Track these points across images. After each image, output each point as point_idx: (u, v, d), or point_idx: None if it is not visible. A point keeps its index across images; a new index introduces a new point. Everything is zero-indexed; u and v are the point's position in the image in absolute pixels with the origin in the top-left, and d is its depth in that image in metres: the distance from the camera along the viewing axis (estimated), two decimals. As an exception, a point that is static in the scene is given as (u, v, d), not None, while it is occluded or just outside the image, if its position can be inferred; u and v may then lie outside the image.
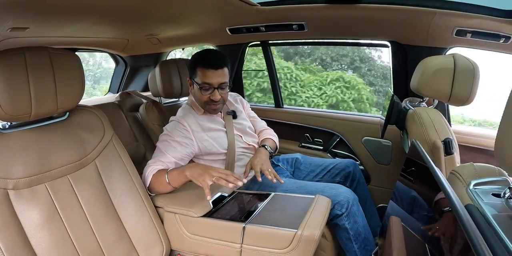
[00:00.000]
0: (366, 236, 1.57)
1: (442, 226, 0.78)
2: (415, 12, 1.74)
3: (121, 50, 2.90)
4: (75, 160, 1.25)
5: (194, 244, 1.36)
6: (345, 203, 1.51)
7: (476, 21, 1.67)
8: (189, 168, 1.40)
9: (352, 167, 1.90)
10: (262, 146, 1.83)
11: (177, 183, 1.43)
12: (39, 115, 1.15)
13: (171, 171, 1.44)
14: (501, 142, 0.65)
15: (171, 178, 1.42)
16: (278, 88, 2.76)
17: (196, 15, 1.98)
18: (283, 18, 2.10)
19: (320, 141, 2.59)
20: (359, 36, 2.28)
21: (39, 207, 1.12)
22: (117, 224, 1.28)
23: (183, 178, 1.41)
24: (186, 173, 1.38)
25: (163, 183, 1.44)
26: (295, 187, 1.64)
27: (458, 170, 0.92)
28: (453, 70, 1.50)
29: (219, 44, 2.74)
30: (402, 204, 1.21)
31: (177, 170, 1.44)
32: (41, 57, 1.11)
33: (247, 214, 1.34)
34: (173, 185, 1.43)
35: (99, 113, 1.40)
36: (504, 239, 0.62)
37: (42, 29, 1.75)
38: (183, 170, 1.40)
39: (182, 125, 1.68)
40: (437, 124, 1.51)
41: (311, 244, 1.18)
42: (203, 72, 1.63)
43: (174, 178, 1.42)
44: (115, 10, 1.58)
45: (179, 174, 1.41)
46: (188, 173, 1.37)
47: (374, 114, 2.44)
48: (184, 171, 1.39)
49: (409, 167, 1.24)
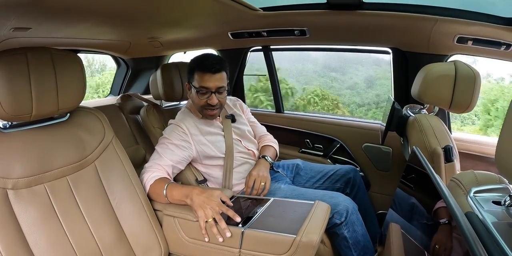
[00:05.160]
0: (365, 244, 1.57)
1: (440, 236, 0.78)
2: (417, 19, 1.75)
3: (123, 53, 2.91)
4: (75, 161, 1.25)
5: (192, 248, 1.36)
6: (344, 212, 1.51)
7: (477, 28, 1.68)
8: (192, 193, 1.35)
9: (353, 174, 1.89)
10: (262, 156, 1.84)
11: (175, 202, 1.41)
12: (39, 116, 1.15)
13: (171, 190, 1.40)
14: (502, 149, 0.65)
15: (170, 197, 1.40)
16: (279, 93, 2.76)
17: (198, 19, 1.98)
18: (285, 23, 2.11)
19: (320, 147, 2.58)
20: (361, 42, 2.28)
21: (38, 207, 1.12)
22: (115, 226, 1.28)
23: (182, 202, 1.38)
24: (188, 200, 1.35)
25: (160, 197, 1.43)
26: (294, 194, 1.64)
27: (458, 178, 0.92)
28: (454, 77, 1.50)
29: (221, 49, 2.75)
30: (401, 212, 1.21)
31: (178, 191, 1.39)
32: (43, 57, 1.12)
33: (246, 219, 1.34)
34: (170, 201, 1.42)
35: (99, 115, 1.40)
36: (503, 247, 0.62)
37: (44, 29, 1.75)
38: (186, 195, 1.36)
39: (181, 128, 1.68)
40: (437, 131, 1.51)
41: (310, 250, 1.18)
42: (201, 76, 1.63)
43: (174, 199, 1.40)
44: (118, 12, 1.59)
45: (179, 198, 1.38)
46: (189, 201, 1.34)
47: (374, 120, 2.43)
48: (186, 197, 1.36)
49: (409, 174, 1.23)
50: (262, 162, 1.79)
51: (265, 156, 1.83)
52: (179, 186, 1.44)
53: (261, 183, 1.66)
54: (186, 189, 1.39)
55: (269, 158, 1.83)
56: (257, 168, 1.74)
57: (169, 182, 1.47)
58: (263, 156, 1.84)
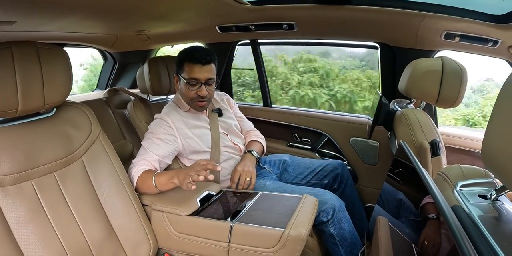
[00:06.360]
0: (353, 240, 1.58)
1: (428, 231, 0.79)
2: (405, 15, 1.76)
3: (110, 46, 2.87)
4: (62, 157, 1.23)
5: (181, 242, 1.36)
6: (330, 210, 1.52)
7: (465, 25, 1.69)
8: (176, 173, 1.37)
9: (340, 169, 1.90)
10: (248, 151, 1.83)
11: (165, 188, 1.43)
12: (25, 111, 1.13)
13: (159, 176, 1.42)
14: (488, 144, 0.65)
15: (158, 183, 1.41)
16: (266, 87, 2.76)
17: (186, 12, 1.96)
18: (273, 17, 2.10)
19: (308, 140, 2.59)
20: (349, 37, 2.28)
21: (25, 204, 1.10)
22: (104, 222, 1.27)
23: (172, 185, 1.40)
24: (174, 180, 1.36)
25: (150, 187, 1.43)
26: (280, 191, 1.63)
27: (445, 172, 0.93)
28: (441, 73, 1.51)
29: (209, 42, 2.73)
30: (388, 207, 1.22)
31: (165, 175, 1.42)
32: (28, 51, 1.09)
33: (235, 213, 1.34)
34: (160, 189, 1.42)
35: (86, 109, 1.38)
36: (490, 240, 0.63)
37: (30, 23, 1.72)
38: (172, 177, 1.38)
39: (166, 122, 1.67)
40: (424, 126, 1.52)
41: (299, 243, 1.19)
42: (191, 67, 1.62)
43: (162, 183, 1.41)
44: (105, 5, 1.56)
45: (167, 180, 1.39)
46: (176, 181, 1.36)
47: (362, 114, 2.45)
48: (172, 178, 1.37)
49: (396, 167, 1.24)
50: (248, 157, 1.78)
51: (251, 150, 1.83)
52: (165, 172, 1.46)
53: (246, 179, 1.67)
54: (172, 172, 1.42)
55: (255, 153, 1.82)
56: (242, 163, 1.73)
57: (156, 171, 1.48)
58: (249, 150, 1.84)
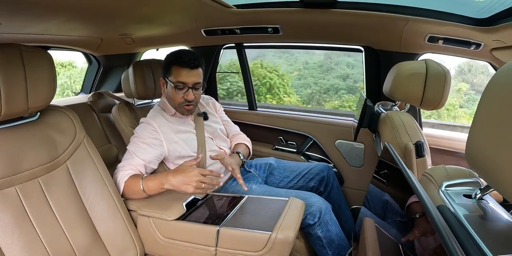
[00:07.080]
0: (340, 242, 1.59)
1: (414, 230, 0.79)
2: (389, 18, 1.78)
3: (95, 50, 2.84)
4: (46, 162, 1.21)
5: (168, 247, 1.35)
6: (317, 213, 1.53)
7: (448, 28, 1.72)
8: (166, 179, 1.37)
9: (326, 172, 1.91)
10: (236, 153, 1.82)
11: (154, 192, 1.42)
12: (8, 115, 1.10)
13: (147, 181, 1.41)
14: (472, 144, 0.66)
15: (147, 188, 1.40)
16: (252, 90, 2.76)
17: (171, 15, 1.95)
18: (259, 21, 2.11)
19: (294, 143, 2.60)
20: (333, 40, 2.30)
21: (9, 210, 1.08)
22: (89, 228, 1.25)
23: (162, 190, 1.40)
24: (166, 186, 1.37)
25: (138, 192, 1.41)
26: (267, 195, 1.62)
27: (430, 172, 0.94)
28: (425, 75, 1.53)
29: (194, 46, 2.72)
30: (374, 209, 1.23)
31: (153, 180, 1.40)
32: (12, 54, 1.07)
33: (221, 217, 1.34)
34: (148, 194, 1.41)
35: (70, 113, 1.36)
36: (475, 238, 0.64)
37: (14, 25, 1.69)
38: (162, 182, 1.38)
39: (151, 126, 1.65)
40: (408, 128, 1.54)
41: (286, 246, 1.18)
42: (178, 70, 1.61)
43: (150, 189, 1.40)
44: (89, 7, 1.54)
45: (156, 186, 1.39)
46: (168, 186, 1.36)
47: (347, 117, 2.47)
48: (163, 184, 1.37)
49: (381, 169, 1.26)
50: (234, 157, 1.76)
51: (238, 152, 1.82)
52: (152, 177, 1.44)
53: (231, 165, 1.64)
54: (159, 177, 1.41)
55: (241, 155, 1.81)
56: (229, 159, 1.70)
57: (143, 176, 1.46)
58: (237, 152, 1.82)
